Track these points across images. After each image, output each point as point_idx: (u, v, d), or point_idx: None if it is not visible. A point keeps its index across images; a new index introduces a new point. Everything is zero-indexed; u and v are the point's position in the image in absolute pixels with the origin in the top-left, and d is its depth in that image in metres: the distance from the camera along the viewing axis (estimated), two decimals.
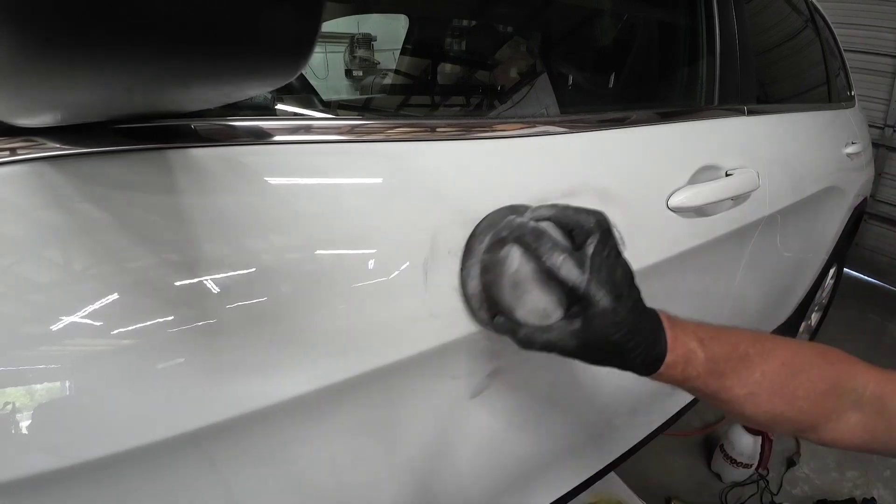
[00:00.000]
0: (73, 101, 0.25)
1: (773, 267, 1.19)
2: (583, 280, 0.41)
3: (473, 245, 0.47)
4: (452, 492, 0.61)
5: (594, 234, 0.43)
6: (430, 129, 0.52)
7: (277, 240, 0.39)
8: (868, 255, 3.12)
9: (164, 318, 0.33)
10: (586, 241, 0.43)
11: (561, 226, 0.45)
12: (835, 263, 1.82)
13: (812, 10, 1.49)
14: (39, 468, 0.30)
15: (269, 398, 0.38)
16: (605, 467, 0.93)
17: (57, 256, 0.31)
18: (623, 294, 0.43)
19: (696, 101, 0.90)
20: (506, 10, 1.10)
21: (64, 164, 0.32)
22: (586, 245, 0.43)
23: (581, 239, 0.44)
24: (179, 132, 0.37)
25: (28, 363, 0.30)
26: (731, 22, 0.93)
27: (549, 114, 0.75)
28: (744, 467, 1.46)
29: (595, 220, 0.44)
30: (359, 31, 2.21)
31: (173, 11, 0.15)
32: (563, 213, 0.45)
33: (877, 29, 2.74)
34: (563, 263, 0.42)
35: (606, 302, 0.42)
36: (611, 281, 0.42)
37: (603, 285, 0.42)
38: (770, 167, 0.95)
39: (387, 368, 0.45)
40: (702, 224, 0.78)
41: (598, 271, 0.42)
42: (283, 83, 0.23)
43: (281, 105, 0.58)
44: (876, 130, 2.81)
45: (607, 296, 0.42)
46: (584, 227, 0.44)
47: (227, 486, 0.40)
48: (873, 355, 2.30)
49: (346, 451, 0.47)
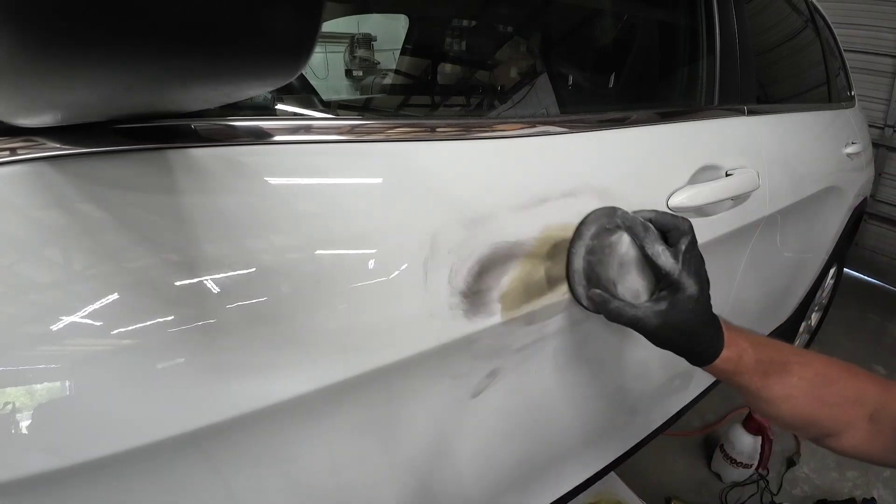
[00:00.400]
0: (73, 101, 0.25)
1: (773, 267, 1.19)
2: (676, 268, 0.51)
3: (582, 230, 0.56)
4: (452, 492, 0.61)
5: (687, 236, 0.53)
6: (430, 129, 0.52)
7: (277, 240, 0.39)
8: (868, 255, 3.12)
9: (164, 318, 0.33)
10: (680, 240, 0.52)
11: (658, 227, 0.54)
12: (835, 263, 1.82)
13: (812, 9, 1.49)
14: (39, 468, 0.30)
15: (269, 398, 0.38)
16: (605, 467, 0.93)
17: (57, 256, 0.31)
18: (704, 286, 0.52)
19: (696, 101, 0.90)
20: (506, 10, 1.10)
21: (64, 164, 0.32)
22: (679, 243, 0.52)
23: (675, 239, 0.53)
24: (179, 132, 0.37)
25: (28, 363, 0.30)
26: (731, 22, 0.93)
27: (549, 114, 0.75)
28: (744, 467, 1.46)
29: (688, 225, 0.53)
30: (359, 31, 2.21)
31: (173, 11, 0.15)
32: (661, 217, 0.55)
33: (877, 29, 2.74)
34: (662, 252, 0.51)
35: (693, 289, 0.51)
36: (697, 272, 0.52)
37: (692, 275, 0.51)
38: (770, 167, 0.95)
39: (387, 368, 0.45)
40: (702, 224, 0.78)
41: (688, 264, 0.52)
42: (284, 83, 0.23)
43: (281, 105, 0.58)
44: (876, 130, 2.81)
45: (695, 284, 0.51)
46: (679, 228, 0.53)
47: (227, 486, 0.40)
48: (873, 355, 2.30)
49: (346, 451, 0.47)
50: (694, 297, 0.51)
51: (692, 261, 0.52)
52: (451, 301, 0.48)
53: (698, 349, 0.52)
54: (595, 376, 0.76)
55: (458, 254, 0.48)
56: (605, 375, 0.78)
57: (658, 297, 0.53)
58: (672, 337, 0.52)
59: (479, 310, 0.50)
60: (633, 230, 0.53)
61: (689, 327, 0.51)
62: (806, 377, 0.53)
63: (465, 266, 0.48)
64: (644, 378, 0.89)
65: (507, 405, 0.62)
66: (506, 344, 0.56)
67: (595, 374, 0.75)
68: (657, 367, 0.93)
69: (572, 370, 0.69)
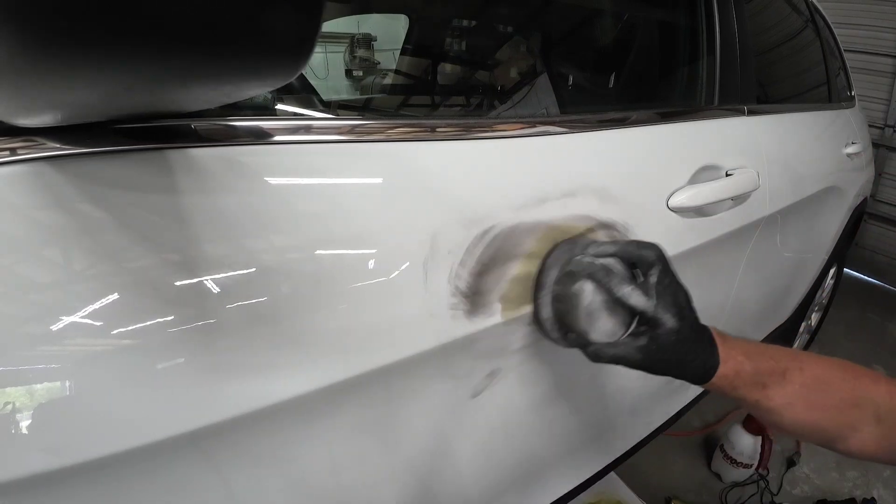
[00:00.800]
0: (73, 101, 0.25)
1: (773, 267, 1.19)
2: (650, 305, 0.49)
3: (543, 279, 0.54)
4: (452, 492, 0.61)
5: (656, 266, 0.50)
6: (430, 129, 0.52)
7: (277, 240, 0.39)
8: (868, 255, 3.12)
9: (164, 318, 0.33)
10: (649, 272, 0.50)
11: (624, 260, 0.52)
12: (835, 263, 1.82)
13: (812, 10, 1.49)
14: (39, 468, 0.30)
15: (269, 398, 0.38)
16: (605, 467, 0.93)
17: (57, 256, 0.31)
18: (685, 314, 0.50)
19: (696, 101, 0.90)
20: (506, 10, 1.10)
21: (64, 164, 0.32)
22: (649, 275, 0.50)
23: (644, 269, 0.51)
24: (179, 132, 0.37)
25: (28, 363, 0.30)
26: (732, 22, 0.93)
27: (549, 114, 0.75)
28: (744, 467, 1.46)
29: (655, 254, 0.51)
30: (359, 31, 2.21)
31: (173, 11, 0.15)
32: (624, 250, 0.52)
33: (877, 29, 2.74)
34: (631, 293, 0.49)
35: (672, 322, 0.49)
36: (674, 304, 0.50)
37: (668, 308, 0.49)
38: (770, 167, 0.95)
39: (387, 368, 0.45)
40: (702, 224, 0.78)
41: (662, 297, 0.49)
42: (284, 83, 0.23)
43: (281, 105, 0.58)
44: (876, 130, 2.81)
45: (672, 317, 0.49)
46: (646, 260, 0.51)
47: (227, 486, 0.40)
48: (873, 355, 2.30)
49: (346, 451, 0.47)
50: (674, 330, 0.49)
51: (666, 292, 0.50)
52: (452, 301, 0.48)
53: (691, 372, 0.51)
54: (595, 376, 0.76)
55: (458, 254, 0.48)
56: (605, 375, 0.78)
57: (636, 332, 0.51)
58: (661, 367, 0.51)
59: (479, 310, 0.50)
60: (595, 277, 0.50)
61: (676, 357, 0.50)
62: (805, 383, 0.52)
63: (466, 266, 0.48)
64: (644, 378, 0.89)
65: (507, 405, 0.62)
66: (506, 344, 0.56)
67: (595, 374, 0.75)
68: None
69: (572, 370, 0.69)
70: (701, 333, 0.52)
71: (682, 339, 0.49)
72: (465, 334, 0.49)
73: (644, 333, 0.50)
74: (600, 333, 0.51)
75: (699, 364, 0.51)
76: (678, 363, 0.50)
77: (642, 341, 0.50)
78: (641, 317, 0.50)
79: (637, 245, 0.52)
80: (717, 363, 0.51)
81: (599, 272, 0.50)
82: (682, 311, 0.50)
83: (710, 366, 0.51)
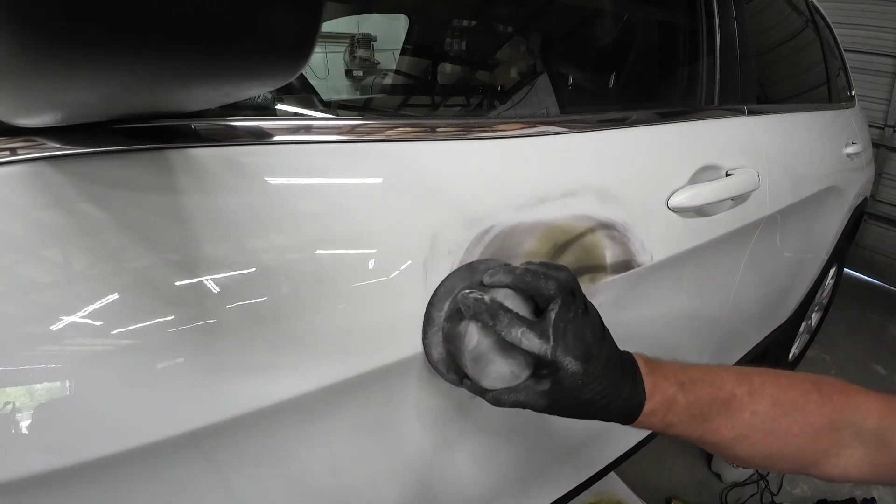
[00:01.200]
0: (73, 101, 0.25)
1: (773, 267, 1.19)
2: (547, 349, 0.41)
3: (433, 313, 0.46)
4: (452, 492, 0.61)
5: (556, 300, 0.42)
6: (430, 129, 0.52)
7: (277, 240, 0.39)
8: (868, 255, 3.12)
9: (165, 318, 0.33)
10: (548, 308, 0.42)
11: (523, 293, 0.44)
12: (835, 263, 1.82)
13: (812, 10, 1.49)
14: (39, 468, 0.30)
15: (269, 398, 0.38)
16: (605, 467, 0.93)
17: (57, 256, 0.31)
18: (592, 354, 0.42)
19: (696, 101, 0.90)
20: (506, 10, 1.10)
21: (64, 164, 0.32)
22: (548, 311, 0.42)
23: (543, 304, 0.43)
24: (179, 132, 0.37)
25: (28, 363, 0.30)
26: (731, 22, 0.93)
27: (550, 114, 0.75)
28: (744, 467, 1.46)
29: (556, 285, 0.42)
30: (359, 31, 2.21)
31: (173, 11, 0.15)
32: (521, 280, 0.43)
33: (877, 29, 2.74)
34: (523, 336, 0.41)
35: (575, 366, 0.41)
36: (578, 344, 0.42)
37: (570, 351, 0.41)
38: (770, 167, 0.95)
39: (387, 368, 0.45)
40: (702, 224, 0.78)
41: (564, 336, 0.41)
42: (284, 83, 0.23)
43: (281, 105, 0.58)
44: (876, 130, 2.81)
45: (575, 361, 0.41)
46: (543, 293, 0.43)
47: (227, 486, 0.40)
48: (873, 355, 2.29)
49: (346, 451, 0.47)
50: (578, 374, 0.41)
51: (568, 330, 0.42)
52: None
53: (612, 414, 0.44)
54: None
55: (458, 254, 0.48)
56: None
57: (539, 376, 0.44)
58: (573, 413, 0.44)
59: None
60: (480, 318, 0.42)
61: (587, 398, 0.42)
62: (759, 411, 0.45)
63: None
64: None
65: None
66: None
67: None
68: None
69: None
70: (620, 368, 0.44)
71: (590, 382, 0.42)
72: None
73: (546, 377, 0.43)
74: (495, 379, 0.44)
75: (619, 405, 0.43)
76: (591, 406, 0.43)
77: (545, 385, 0.43)
78: (540, 361, 0.42)
79: (534, 275, 0.43)
80: (641, 401, 0.44)
81: (484, 313, 0.41)
82: (588, 351, 0.42)
83: (634, 405, 0.44)
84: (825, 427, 0.46)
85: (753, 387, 0.46)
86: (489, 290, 0.44)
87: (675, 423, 0.45)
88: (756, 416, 0.45)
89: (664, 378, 0.45)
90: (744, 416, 0.45)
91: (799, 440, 0.45)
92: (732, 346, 1.23)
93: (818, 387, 0.47)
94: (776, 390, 0.46)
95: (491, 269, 0.46)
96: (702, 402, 0.45)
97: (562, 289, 0.43)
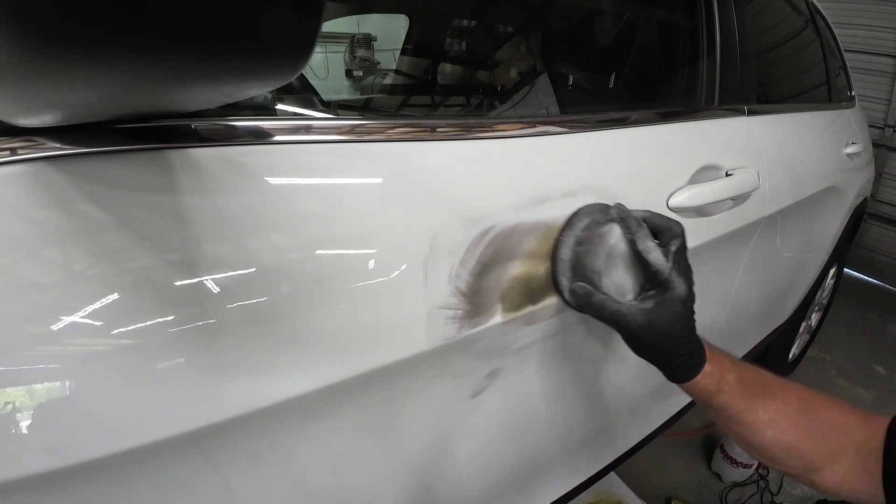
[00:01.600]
0: (73, 101, 0.25)
1: (773, 267, 1.19)
2: (666, 267, 0.49)
3: (574, 220, 0.55)
4: (452, 492, 0.61)
5: (678, 238, 0.51)
6: (430, 129, 0.52)
7: (278, 240, 0.39)
8: (868, 255, 3.12)
9: (165, 318, 0.33)
10: (671, 241, 0.50)
11: (651, 227, 0.52)
12: (835, 263, 1.82)
13: (812, 10, 1.49)
14: (39, 468, 0.30)
15: (269, 398, 0.38)
16: (605, 467, 0.93)
17: (57, 256, 0.31)
18: (692, 290, 0.50)
19: (696, 101, 0.90)
20: (506, 10, 1.10)
21: (64, 164, 0.32)
22: (671, 244, 0.50)
23: (666, 240, 0.51)
24: (180, 132, 0.37)
25: (28, 363, 0.30)
26: (732, 22, 0.93)
27: (550, 114, 0.75)
28: (744, 467, 1.46)
29: (679, 228, 0.51)
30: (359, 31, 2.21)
31: (173, 11, 0.15)
32: (655, 217, 0.53)
33: (877, 29, 2.74)
34: (653, 249, 0.49)
35: (682, 290, 0.49)
36: (686, 276, 0.50)
37: (681, 276, 0.49)
38: (770, 167, 0.95)
39: (387, 368, 0.45)
40: (702, 224, 0.78)
41: (678, 265, 0.49)
42: (284, 83, 0.23)
43: (281, 105, 0.58)
44: (876, 130, 2.81)
45: (684, 285, 0.49)
46: (671, 230, 0.51)
47: (227, 486, 0.40)
48: (873, 355, 2.29)
49: (346, 450, 0.47)
50: (682, 299, 0.48)
51: (682, 262, 0.50)
52: (452, 301, 0.48)
53: (678, 360, 0.49)
54: (595, 376, 0.76)
55: (458, 254, 0.48)
56: (605, 375, 0.77)
57: (644, 297, 0.50)
58: (653, 341, 0.49)
59: (479, 310, 0.50)
60: (626, 223, 0.52)
61: (673, 331, 0.48)
62: (788, 401, 0.50)
63: (466, 266, 0.48)
64: (644, 378, 0.89)
65: (507, 405, 0.62)
66: (506, 344, 0.56)
67: (595, 374, 0.75)
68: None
69: (572, 370, 0.69)
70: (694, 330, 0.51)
71: (685, 315, 0.49)
72: (465, 334, 0.49)
73: (651, 298, 0.50)
74: (612, 284, 0.51)
75: (687, 352, 0.49)
76: (672, 340, 0.49)
77: (648, 304, 0.49)
78: (654, 278, 0.50)
79: (666, 218, 0.53)
80: (704, 360, 0.50)
81: (632, 220, 0.51)
82: (691, 286, 0.50)
83: (697, 361, 0.49)
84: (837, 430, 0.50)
85: (784, 383, 0.52)
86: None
87: (724, 390, 0.50)
88: (787, 406, 0.50)
89: (719, 351, 0.51)
90: (776, 404, 0.50)
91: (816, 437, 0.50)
92: (733, 346, 1.23)
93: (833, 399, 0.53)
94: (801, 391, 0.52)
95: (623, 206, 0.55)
96: (749, 380, 0.51)
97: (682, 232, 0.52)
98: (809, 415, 0.51)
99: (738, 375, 0.50)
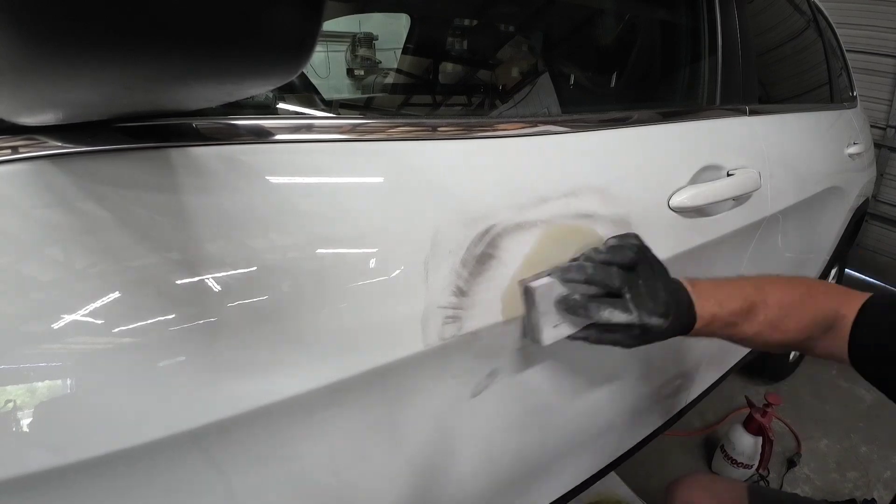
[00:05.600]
0: (75, 100, 0.25)
1: (774, 267, 1.19)
2: (633, 318, 0.52)
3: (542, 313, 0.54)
4: (452, 492, 0.61)
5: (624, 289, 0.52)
6: (431, 128, 0.52)
7: (278, 239, 0.39)
8: (869, 255, 3.11)
9: (166, 317, 0.33)
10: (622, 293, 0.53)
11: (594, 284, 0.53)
12: (836, 264, 1.82)
13: (814, 10, 1.49)
14: (40, 466, 0.30)
15: (270, 397, 0.38)
16: (605, 467, 0.93)
17: (58, 254, 0.31)
18: (669, 307, 0.53)
19: (697, 100, 0.90)
20: (507, 9, 1.10)
21: (65, 163, 0.32)
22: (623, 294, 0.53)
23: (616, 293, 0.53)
24: (181, 131, 0.37)
25: (29, 361, 0.30)
26: (733, 22, 0.93)
27: (551, 113, 0.75)
28: (744, 467, 1.46)
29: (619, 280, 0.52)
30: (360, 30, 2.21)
31: (175, 10, 0.15)
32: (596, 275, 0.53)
33: (879, 29, 2.73)
34: (613, 315, 0.52)
35: (658, 321, 0.53)
36: (657, 305, 0.53)
37: (653, 312, 0.52)
38: (772, 167, 0.95)
39: (387, 367, 0.45)
40: (703, 224, 0.78)
41: (643, 304, 0.52)
42: (285, 81, 0.23)
43: (282, 104, 0.58)
44: (878, 131, 2.81)
45: (658, 318, 0.52)
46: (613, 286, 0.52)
47: (227, 485, 0.40)
48: None
49: (347, 450, 0.47)
50: (662, 325, 0.53)
51: (644, 298, 0.52)
52: (452, 300, 0.48)
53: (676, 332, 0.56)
54: (595, 376, 0.76)
55: (458, 253, 0.48)
56: (605, 375, 0.77)
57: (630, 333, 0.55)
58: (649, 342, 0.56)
59: (479, 309, 0.50)
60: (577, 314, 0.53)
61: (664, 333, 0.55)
62: (769, 313, 0.59)
63: (466, 265, 0.48)
64: (644, 378, 0.89)
65: (507, 405, 0.62)
66: (506, 343, 0.56)
67: (595, 374, 0.75)
68: (658, 366, 0.93)
69: (572, 370, 0.69)
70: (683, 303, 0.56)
71: (672, 325, 0.54)
72: (465, 334, 0.49)
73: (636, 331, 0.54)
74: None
75: (681, 327, 0.56)
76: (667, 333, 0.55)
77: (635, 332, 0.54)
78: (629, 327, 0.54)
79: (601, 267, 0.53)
80: (694, 319, 0.56)
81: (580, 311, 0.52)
82: (666, 308, 0.53)
83: (689, 323, 0.56)
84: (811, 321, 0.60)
85: (765, 295, 0.59)
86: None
87: (715, 331, 0.59)
88: (767, 317, 0.59)
89: (706, 300, 0.57)
90: (759, 319, 0.59)
91: (794, 334, 0.60)
92: (733, 346, 1.23)
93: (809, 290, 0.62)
94: (781, 295, 0.60)
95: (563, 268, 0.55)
96: (734, 314, 0.58)
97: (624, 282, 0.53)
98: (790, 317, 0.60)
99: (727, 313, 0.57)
